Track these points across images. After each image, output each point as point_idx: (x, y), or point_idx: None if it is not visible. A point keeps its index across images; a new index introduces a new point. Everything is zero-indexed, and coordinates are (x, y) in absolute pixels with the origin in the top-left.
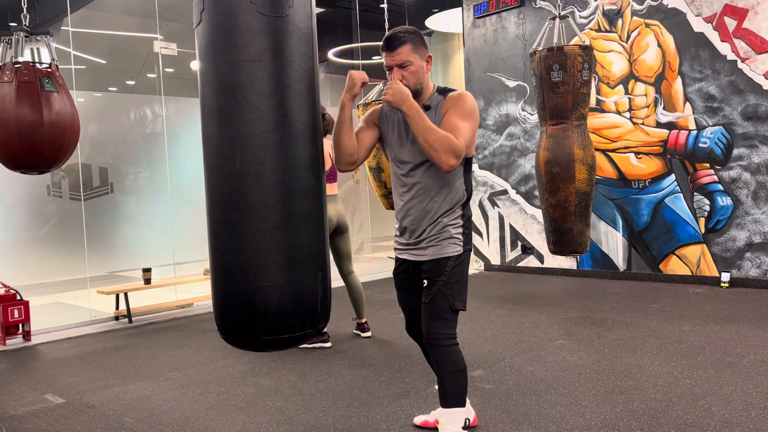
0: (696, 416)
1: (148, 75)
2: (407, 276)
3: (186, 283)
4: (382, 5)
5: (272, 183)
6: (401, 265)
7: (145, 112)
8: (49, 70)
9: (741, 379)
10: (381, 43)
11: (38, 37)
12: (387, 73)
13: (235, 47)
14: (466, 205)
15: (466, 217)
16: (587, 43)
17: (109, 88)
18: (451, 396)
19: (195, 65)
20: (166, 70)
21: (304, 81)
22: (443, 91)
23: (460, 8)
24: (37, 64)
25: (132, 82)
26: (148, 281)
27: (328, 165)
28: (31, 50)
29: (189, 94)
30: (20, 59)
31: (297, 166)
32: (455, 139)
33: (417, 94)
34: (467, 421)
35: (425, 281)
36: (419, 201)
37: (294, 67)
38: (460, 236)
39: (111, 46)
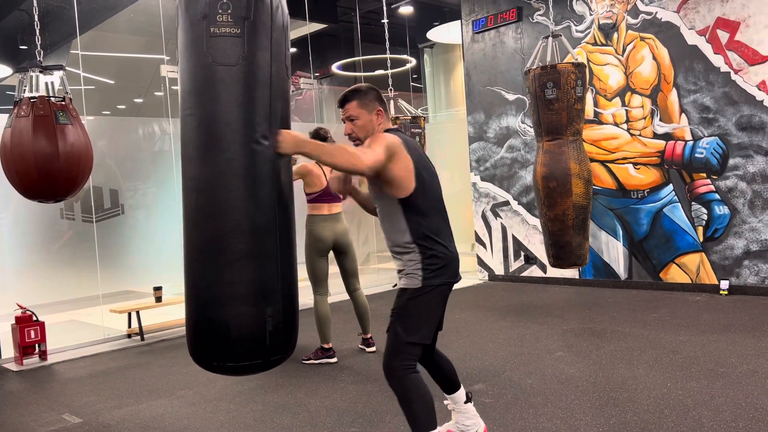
0: (686, 428)
1: (156, 93)
2: None
3: None
4: (383, 21)
5: (217, 223)
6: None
7: (153, 132)
8: (63, 103)
9: (732, 390)
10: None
11: (52, 72)
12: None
13: (194, 95)
14: (427, 243)
15: (430, 254)
16: (580, 60)
17: (118, 106)
18: (421, 420)
19: None
20: (173, 87)
21: (258, 125)
22: None
23: (460, 21)
24: (52, 98)
25: (140, 100)
26: (159, 299)
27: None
28: (46, 84)
29: None
30: (36, 94)
31: (245, 207)
32: (358, 151)
33: None
34: None
35: (390, 312)
36: (385, 239)
37: (245, 112)
38: (419, 272)
39: (119, 66)
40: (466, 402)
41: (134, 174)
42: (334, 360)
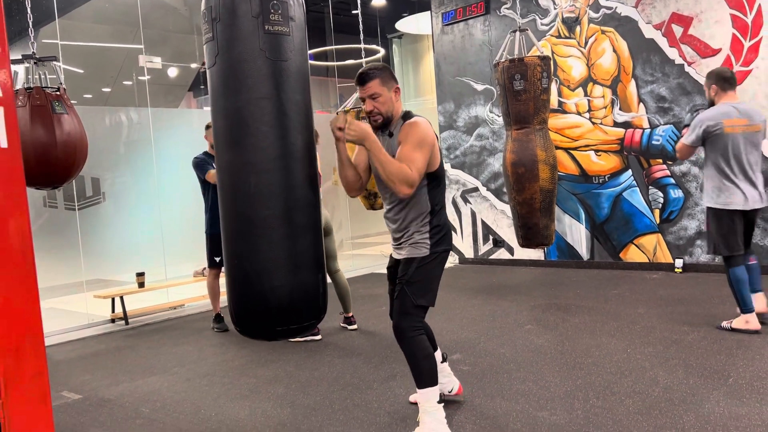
0: (643, 385)
1: (125, 82)
2: (395, 270)
3: (178, 285)
4: (354, 11)
5: (281, 200)
6: (390, 260)
7: (130, 121)
8: (58, 93)
9: (684, 353)
10: (355, 80)
11: (45, 63)
12: (362, 103)
13: (247, 87)
14: (435, 214)
15: (435, 225)
16: (545, 53)
17: (84, 95)
18: (426, 376)
19: (172, 72)
20: (149, 77)
21: (302, 113)
22: (405, 117)
23: (429, 12)
24: (47, 88)
25: (108, 89)
26: (141, 284)
27: None
28: (39, 75)
29: (165, 99)
30: (31, 84)
31: (299, 185)
32: (409, 170)
33: (388, 120)
34: (443, 395)
35: (397, 280)
36: (395, 213)
37: (295, 102)
38: (427, 241)
39: (87, 55)
40: (442, 362)
41: (114, 162)
42: (319, 337)
